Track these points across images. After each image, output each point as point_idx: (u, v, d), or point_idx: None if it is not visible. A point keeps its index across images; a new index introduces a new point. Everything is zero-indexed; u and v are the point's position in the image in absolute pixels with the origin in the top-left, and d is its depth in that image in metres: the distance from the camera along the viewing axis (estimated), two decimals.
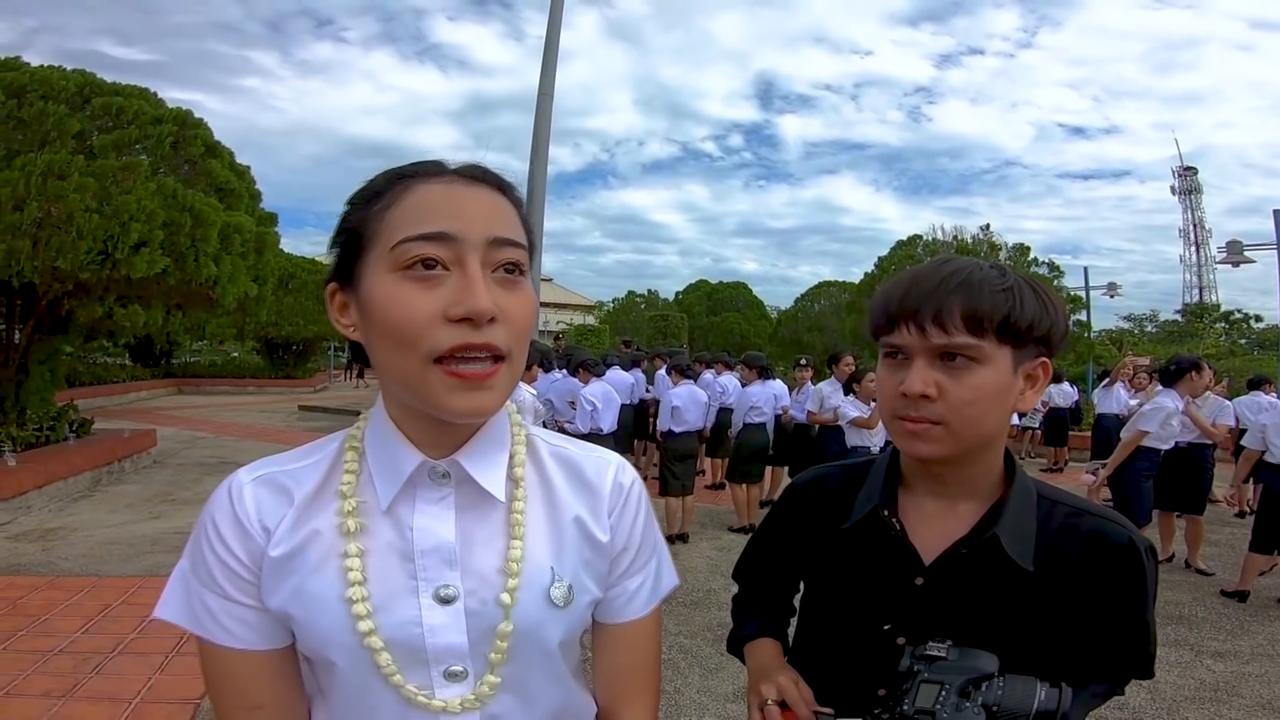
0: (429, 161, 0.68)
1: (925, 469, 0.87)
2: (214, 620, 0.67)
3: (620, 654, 0.80)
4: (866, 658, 0.87)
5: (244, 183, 7.32)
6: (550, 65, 7.24)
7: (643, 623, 0.79)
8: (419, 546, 0.67)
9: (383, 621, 0.65)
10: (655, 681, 0.83)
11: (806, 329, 24.31)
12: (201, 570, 0.68)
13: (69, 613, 3.60)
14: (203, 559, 0.68)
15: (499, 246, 0.63)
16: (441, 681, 0.67)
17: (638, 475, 0.81)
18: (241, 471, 0.70)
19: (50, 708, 2.64)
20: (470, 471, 0.69)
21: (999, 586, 0.82)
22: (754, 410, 5.95)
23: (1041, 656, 0.80)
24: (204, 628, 0.68)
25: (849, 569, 0.91)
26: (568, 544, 0.73)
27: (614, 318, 30.60)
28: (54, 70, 6.35)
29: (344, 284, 0.67)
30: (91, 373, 15.07)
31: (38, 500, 5.90)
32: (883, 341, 0.84)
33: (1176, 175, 54.93)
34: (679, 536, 5.56)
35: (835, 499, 0.94)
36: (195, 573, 0.69)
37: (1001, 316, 0.77)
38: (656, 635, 0.82)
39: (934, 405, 0.79)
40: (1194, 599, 4.55)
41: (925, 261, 0.87)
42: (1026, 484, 0.87)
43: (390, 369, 0.64)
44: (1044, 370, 0.83)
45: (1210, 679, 3.41)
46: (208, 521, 0.68)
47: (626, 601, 0.78)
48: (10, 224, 5.38)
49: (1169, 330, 29.28)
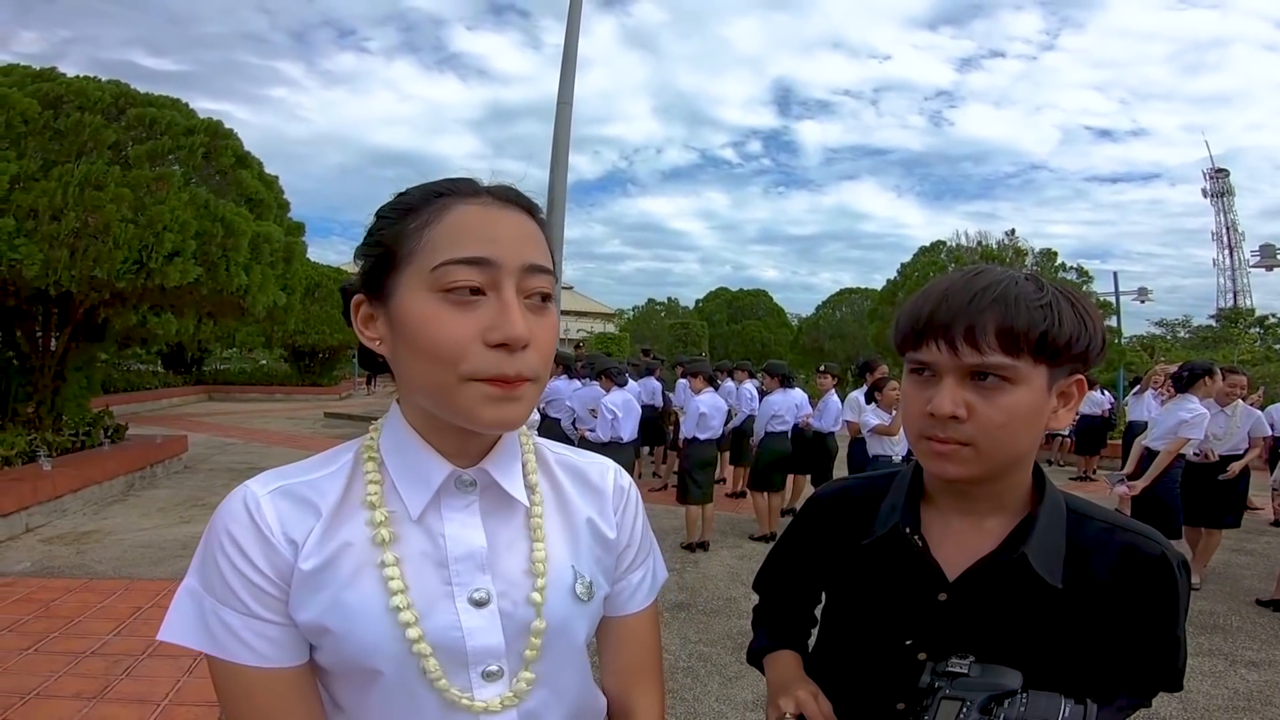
0: (463, 180, 0.69)
1: (951, 486, 0.85)
2: (234, 638, 0.65)
3: (628, 646, 0.85)
4: (886, 672, 0.85)
5: (272, 192, 7.46)
6: (569, 73, 7.29)
7: (646, 614, 0.86)
8: (452, 553, 0.69)
9: (427, 628, 0.66)
10: (660, 670, 0.88)
11: (828, 337, 24.11)
12: (218, 586, 0.65)
13: (101, 615, 3.69)
14: (219, 574, 0.65)
15: (532, 274, 0.65)
16: (480, 682, 0.69)
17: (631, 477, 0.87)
18: (253, 483, 0.69)
19: (81, 709, 2.69)
20: (496, 478, 0.71)
21: (1026, 603, 0.80)
22: (775, 419, 5.92)
23: (1068, 672, 0.79)
24: (223, 647, 0.65)
25: (870, 584, 0.89)
26: (583, 543, 0.78)
27: (634, 326, 30.62)
28: (89, 81, 6.52)
29: (372, 296, 0.68)
30: (125, 379, 15.48)
31: (73, 504, 6.05)
32: (909, 357, 0.81)
33: (1207, 177, 53.60)
34: (699, 544, 5.53)
35: (857, 513, 0.92)
36: (210, 589, 0.66)
37: (1039, 334, 0.73)
38: (657, 626, 0.89)
39: (963, 426, 0.75)
40: (1229, 608, 4.45)
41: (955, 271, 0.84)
42: (1056, 499, 0.84)
43: (422, 383, 0.65)
44: (1079, 388, 0.80)
45: (1244, 688, 3.34)
46: (223, 536, 0.66)
47: (630, 595, 0.84)
48: (48, 234, 5.53)
49: (1202, 336, 28.53)
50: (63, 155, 5.90)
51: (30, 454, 6.22)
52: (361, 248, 0.70)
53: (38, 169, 5.72)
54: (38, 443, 6.41)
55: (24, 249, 5.40)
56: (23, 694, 2.78)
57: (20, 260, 5.40)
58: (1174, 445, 4.48)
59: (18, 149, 5.74)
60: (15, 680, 2.89)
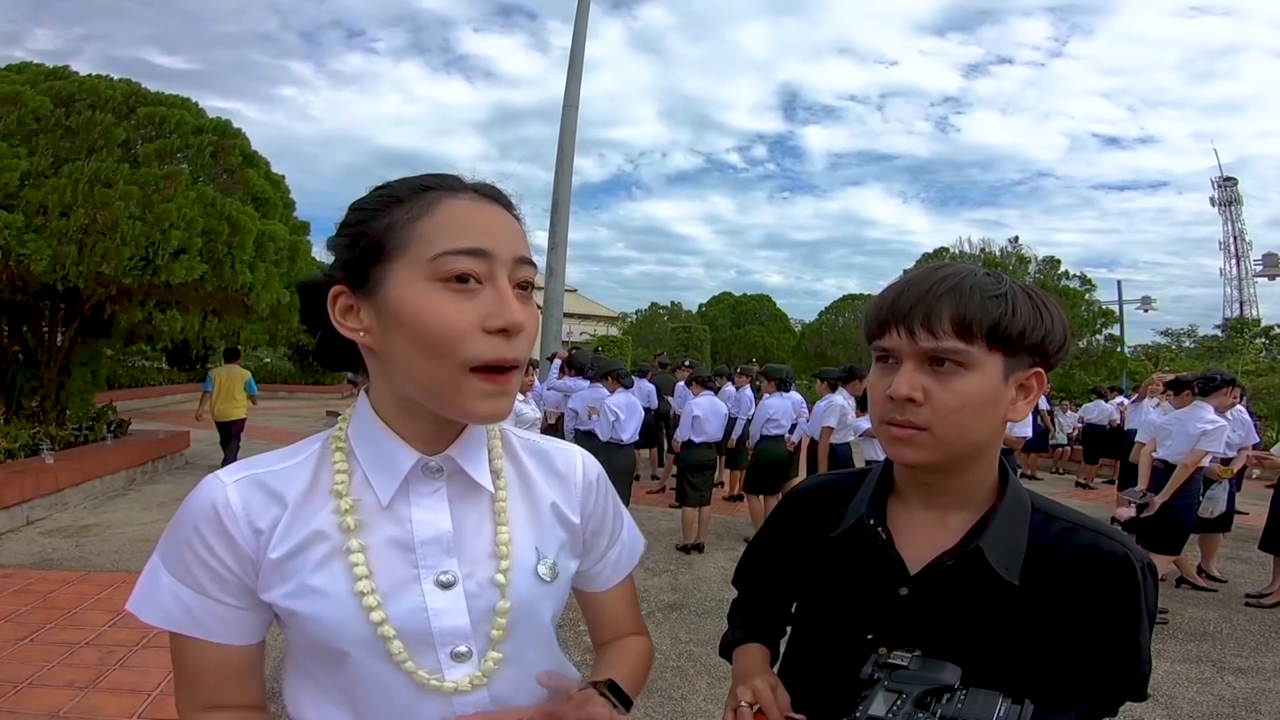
0: (447, 175, 0.71)
1: (915, 478, 0.87)
2: (187, 614, 0.69)
3: (611, 612, 0.92)
4: (850, 666, 0.85)
5: (279, 192, 7.53)
6: (575, 76, 7.34)
7: (626, 583, 0.92)
8: (419, 537, 0.71)
9: (392, 611, 0.68)
10: (640, 619, 0.95)
11: (830, 342, 24.10)
12: (177, 567, 0.69)
13: (98, 607, 3.72)
14: (179, 555, 0.69)
15: (521, 265, 0.69)
16: (449, 663, 0.71)
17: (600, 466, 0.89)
18: (222, 473, 0.72)
19: (73, 698, 2.73)
20: (463, 465, 0.74)
21: (983, 599, 0.81)
22: (771, 422, 5.92)
23: (1025, 673, 0.79)
24: (175, 621, 0.69)
25: (836, 577, 0.91)
26: (546, 526, 0.80)
27: (637, 329, 30.66)
28: (101, 79, 6.60)
29: (355, 288, 0.69)
30: (130, 375, 15.58)
31: (74, 497, 6.10)
32: (874, 345, 0.84)
33: (1216, 186, 53.26)
34: (694, 546, 5.54)
35: (829, 507, 0.94)
36: (169, 567, 0.70)
37: (991, 322, 0.76)
38: (634, 587, 0.95)
39: (920, 410, 0.78)
40: (1219, 615, 4.44)
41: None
42: (1020, 495, 0.86)
43: (415, 373, 0.66)
44: (1038, 380, 0.82)
45: (1230, 695, 3.34)
46: (188, 524, 0.69)
47: (611, 571, 0.89)
48: (57, 230, 5.59)
49: (1208, 346, 28.38)
50: (73, 153, 5.97)
51: (33, 447, 6.27)
52: (338, 239, 0.71)
53: (48, 166, 5.79)
54: (41, 436, 6.47)
55: (33, 244, 5.46)
56: (15, 683, 2.81)
57: (29, 255, 5.46)
58: (1193, 458, 4.20)
59: (29, 146, 5.81)
60: (10, 669, 2.92)
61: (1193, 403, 4.44)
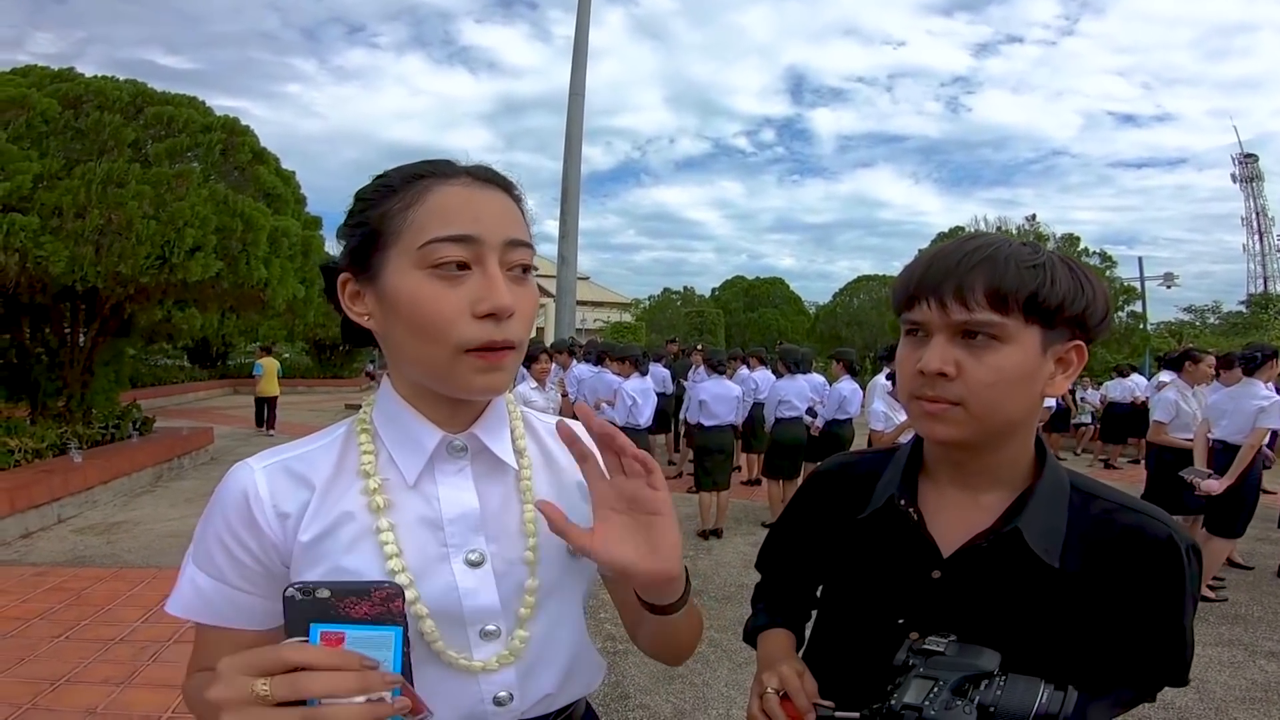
0: (441, 161, 0.72)
1: (947, 456, 0.84)
2: (203, 601, 0.70)
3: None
4: (880, 651, 0.83)
5: (289, 188, 7.55)
6: (580, 64, 7.28)
7: None
8: (446, 515, 0.71)
9: (424, 590, 0.68)
10: None
11: (845, 324, 23.91)
12: (201, 555, 0.71)
13: (130, 603, 3.79)
14: (204, 544, 0.71)
15: (513, 248, 0.69)
16: (478, 641, 0.71)
17: None
18: (251, 459, 0.73)
19: (110, 694, 2.78)
20: (486, 443, 0.74)
21: (1021, 583, 0.78)
22: (784, 404, 5.86)
23: (1064, 658, 0.77)
24: (190, 609, 0.71)
25: (866, 559, 0.89)
26: (573, 504, 0.78)
27: (650, 315, 30.58)
28: (107, 80, 6.62)
29: (359, 273, 0.71)
30: (153, 374, 15.81)
31: (103, 495, 6.21)
32: (904, 319, 0.81)
33: (1236, 162, 52.22)
34: (712, 532, 5.54)
35: (857, 487, 0.91)
36: (195, 557, 0.72)
37: (1029, 293, 0.73)
38: None
39: (952, 385, 0.75)
40: (1250, 598, 4.36)
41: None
42: (1059, 475, 0.82)
43: (414, 356, 0.68)
44: (1078, 354, 0.78)
45: (1262, 679, 3.28)
46: (217, 511, 0.71)
47: None
48: (73, 231, 5.64)
49: (1232, 322, 27.84)
50: (84, 154, 6.01)
51: (61, 446, 6.39)
52: (345, 228, 0.73)
53: (60, 168, 5.83)
54: (68, 435, 6.58)
55: (49, 246, 5.52)
56: (53, 680, 2.87)
57: (46, 257, 5.52)
58: (1255, 437, 4.08)
59: (40, 148, 5.85)
60: (46, 667, 2.99)
61: (1241, 379, 4.29)
